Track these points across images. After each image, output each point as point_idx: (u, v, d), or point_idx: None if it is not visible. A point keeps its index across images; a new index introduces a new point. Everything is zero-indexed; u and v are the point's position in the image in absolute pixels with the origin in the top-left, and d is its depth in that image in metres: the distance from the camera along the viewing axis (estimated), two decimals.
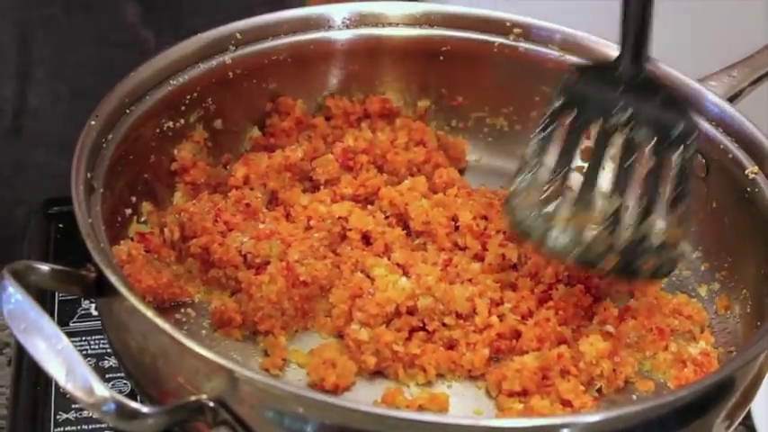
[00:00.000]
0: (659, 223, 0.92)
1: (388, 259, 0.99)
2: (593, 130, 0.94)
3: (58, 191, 1.16)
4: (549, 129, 0.95)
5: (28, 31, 1.22)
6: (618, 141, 0.94)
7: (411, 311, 0.94)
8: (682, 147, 0.93)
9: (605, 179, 0.93)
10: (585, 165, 0.94)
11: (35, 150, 1.28)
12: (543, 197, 0.94)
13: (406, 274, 0.97)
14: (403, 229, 1.03)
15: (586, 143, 0.94)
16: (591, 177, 0.94)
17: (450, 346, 0.94)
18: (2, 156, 1.28)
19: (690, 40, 2.07)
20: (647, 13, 0.93)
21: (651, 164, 0.93)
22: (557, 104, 0.96)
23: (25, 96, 1.25)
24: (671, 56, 1.09)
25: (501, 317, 0.95)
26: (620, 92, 0.94)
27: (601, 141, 0.94)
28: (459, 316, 0.94)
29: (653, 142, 0.93)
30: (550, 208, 0.93)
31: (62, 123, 1.24)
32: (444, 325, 0.94)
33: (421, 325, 0.94)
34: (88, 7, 1.22)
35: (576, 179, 0.94)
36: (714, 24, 2.17)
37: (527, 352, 0.93)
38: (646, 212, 0.93)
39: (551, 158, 0.95)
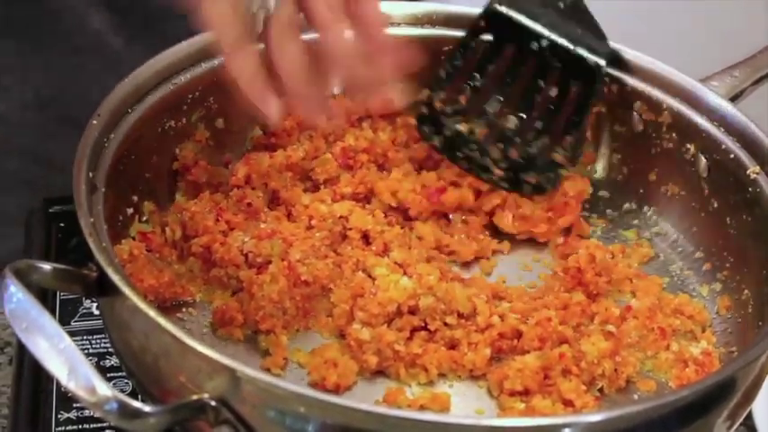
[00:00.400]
0: (548, 145, 1.02)
1: (388, 258, 0.99)
2: (509, 50, 1.03)
3: (31, 197, 1.17)
4: (469, 43, 1.04)
5: None
6: (530, 64, 1.03)
7: (412, 311, 0.94)
8: (586, 82, 1.02)
9: (510, 97, 1.03)
10: (495, 83, 1.03)
11: (5, 158, 1.27)
12: (451, 108, 1.03)
13: (405, 273, 0.97)
14: (405, 219, 1.04)
15: (499, 63, 1.03)
16: (497, 94, 1.03)
17: (452, 345, 0.94)
18: None
19: (692, 40, 2.07)
20: None
21: (555, 91, 1.02)
22: (480, 22, 1.04)
23: None
24: (673, 55, 1.09)
25: (502, 316, 0.94)
26: (543, 16, 1.02)
27: (515, 62, 1.03)
28: (460, 315, 0.94)
29: (559, 71, 1.02)
30: (455, 117, 1.03)
31: (31, 131, 1.23)
32: (446, 324, 0.94)
33: (422, 325, 0.94)
34: (55, 14, 1.21)
35: (483, 95, 1.03)
36: (716, 24, 2.17)
37: (528, 351, 0.93)
38: (539, 133, 1.02)
39: (464, 74, 1.04)
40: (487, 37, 1.04)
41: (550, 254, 1.06)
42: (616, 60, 1.07)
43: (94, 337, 1.04)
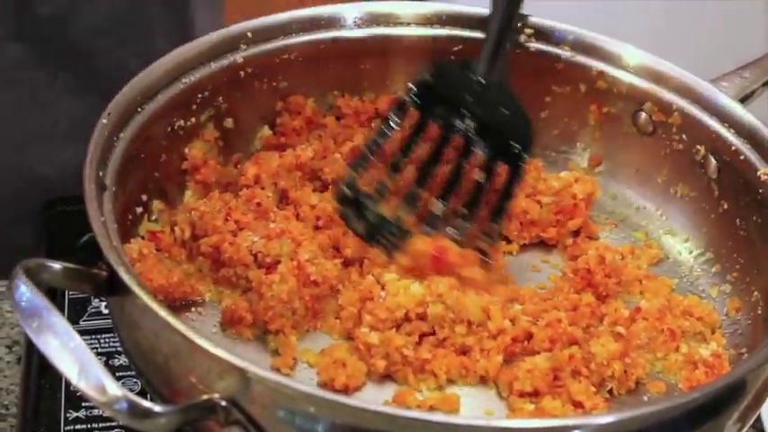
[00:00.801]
0: (474, 233, 0.99)
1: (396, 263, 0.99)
2: (434, 130, 1.00)
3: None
4: (393, 121, 1.00)
5: None
6: (455, 145, 1.00)
7: (422, 317, 0.94)
8: (512, 165, 0.99)
9: (434, 180, 1.00)
10: (420, 162, 1.00)
11: None
12: (374, 189, 1.00)
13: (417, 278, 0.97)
14: None
15: (424, 143, 1.00)
16: (421, 176, 1.00)
17: (463, 351, 0.93)
18: None
19: (702, 41, 2.07)
20: (507, 22, 1.00)
21: (480, 175, 0.99)
22: (406, 98, 1.00)
23: None
24: (683, 57, 1.09)
25: (513, 320, 0.94)
26: (470, 97, 1.00)
27: (442, 140, 1.00)
28: (470, 324, 0.94)
29: (485, 155, 0.99)
30: (375, 200, 1.00)
31: None
32: (455, 332, 0.94)
33: (432, 330, 0.94)
34: None
35: (407, 175, 1.00)
36: (726, 25, 2.17)
37: (538, 353, 0.92)
38: (464, 219, 0.99)
39: (388, 151, 1.00)
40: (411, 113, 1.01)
41: (559, 255, 1.06)
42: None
43: (103, 336, 1.05)
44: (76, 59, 1.21)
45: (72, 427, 0.97)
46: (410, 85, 1.01)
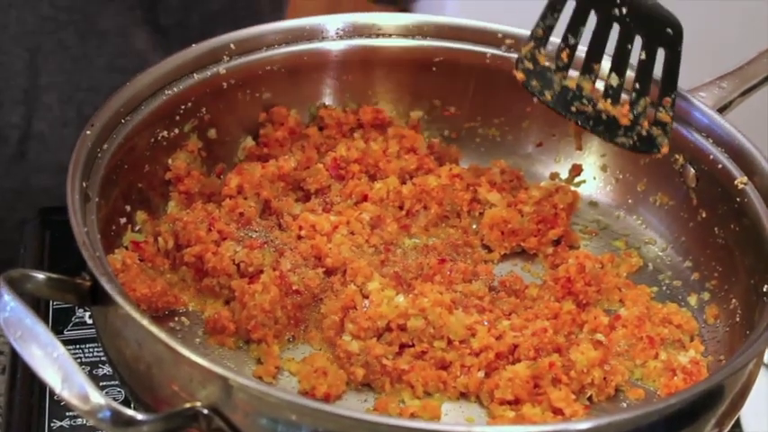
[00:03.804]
0: (651, 104, 1.02)
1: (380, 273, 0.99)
2: (597, 15, 1.02)
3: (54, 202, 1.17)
4: (557, 11, 1.03)
5: (39, 57, 1.22)
6: (616, 30, 1.02)
7: (403, 328, 0.94)
8: (669, 46, 1.01)
9: (606, 59, 1.03)
10: (589, 45, 1.03)
11: (39, 175, 1.28)
12: (553, 64, 1.03)
13: (403, 288, 0.98)
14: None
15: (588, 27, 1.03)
16: (594, 54, 1.03)
17: (443, 366, 0.93)
18: (5, 180, 1.28)
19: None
20: None
21: (643, 56, 1.02)
22: None
23: (31, 122, 1.25)
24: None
25: (499, 337, 0.94)
26: None
27: (600, 28, 1.02)
28: (450, 341, 0.94)
29: (646, 37, 1.02)
30: (560, 73, 1.03)
31: (68, 149, 1.24)
32: (434, 347, 0.94)
33: (412, 342, 0.95)
34: (100, 33, 1.23)
35: (581, 53, 1.04)
36: (704, 35, 2.18)
37: (519, 360, 0.93)
38: (640, 94, 1.02)
39: (558, 34, 1.03)
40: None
41: (540, 264, 1.06)
42: None
43: (87, 345, 1.05)
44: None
45: None
46: None
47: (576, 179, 1.13)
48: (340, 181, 1.07)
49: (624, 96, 1.03)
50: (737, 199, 1.00)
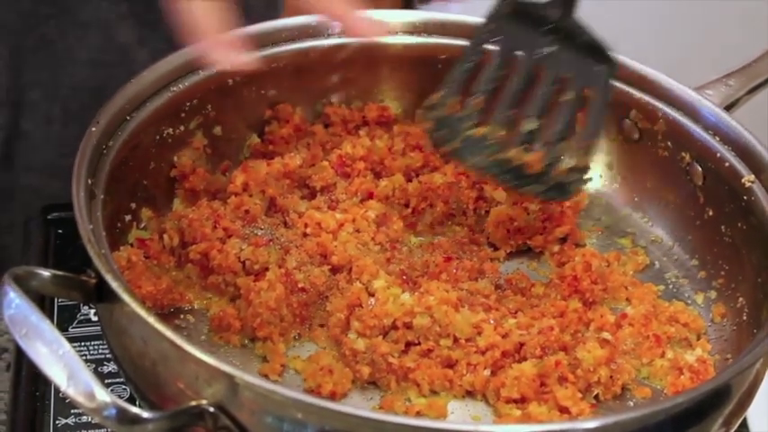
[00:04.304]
0: (570, 149, 1.00)
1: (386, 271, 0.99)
2: (518, 59, 1.01)
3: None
4: (475, 55, 1.01)
5: (21, 56, 1.22)
6: (540, 72, 1.01)
7: (409, 326, 0.94)
8: (600, 85, 1.00)
9: (525, 103, 1.00)
10: (506, 90, 1.01)
11: (27, 173, 1.27)
12: (463, 113, 1.00)
13: (410, 286, 0.97)
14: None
15: (509, 71, 1.01)
16: (510, 100, 1.00)
17: (449, 364, 0.93)
18: None
19: (687, 49, 2.08)
20: None
21: (569, 96, 1.00)
22: (485, 31, 1.02)
23: (17, 121, 1.24)
24: (668, 64, 1.09)
25: (506, 335, 0.94)
26: (547, 30, 1.01)
27: (523, 71, 1.01)
28: (456, 338, 0.94)
29: (573, 77, 1.00)
30: (469, 122, 1.00)
31: (55, 146, 1.23)
32: (440, 345, 0.94)
33: (418, 341, 0.94)
34: (82, 27, 1.22)
35: (496, 100, 1.00)
36: (711, 33, 2.18)
37: (525, 359, 0.93)
38: (559, 138, 0.99)
39: (474, 81, 1.01)
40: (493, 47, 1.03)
41: (546, 262, 1.06)
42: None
43: (92, 343, 1.05)
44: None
45: None
46: (489, 16, 1.02)
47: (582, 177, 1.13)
48: (345, 178, 1.07)
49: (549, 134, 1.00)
50: (744, 197, 1.00)
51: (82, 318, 1.07)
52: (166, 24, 1.06)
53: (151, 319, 0.79)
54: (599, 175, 1.13)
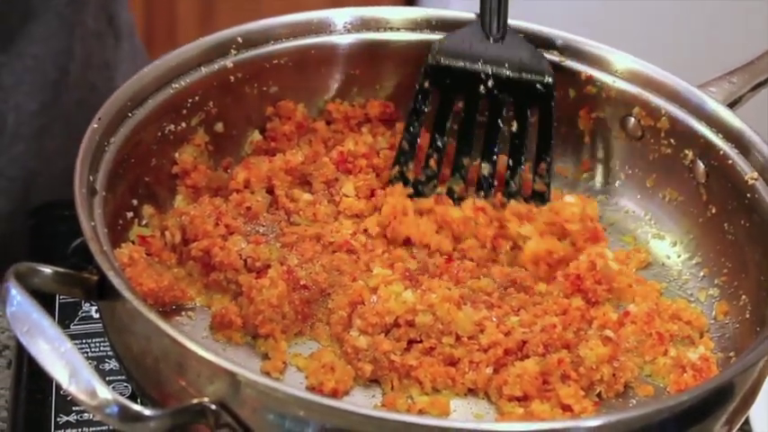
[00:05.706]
0: (526, 179, 1.04)
1: (391, 269, 0.99)
2: (460, 101, 1.05)
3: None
4: (420, 108, 1.05)
5: None
6: (484, 107, 1.05)
7: (411, 324, 0.94)
8: (541, 104, 1.04)
9: (475, 145, 1.05)
10: (457, 135, 1.05)
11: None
12: (423, 177, 1.04)
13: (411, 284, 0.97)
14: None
15: (455, 114, 1.05)
16: (463, 146, 1.05)
17: (451, 362, 0.93)
18: None
19: (690, 46, 2.07)
20: None
21: (515, 124, 1.04)
22: (424, 84, 1.05)
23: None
24: (671, 61, 1.09)
25: (508, 333, 0.94)
26: (482, 58, 1.04)
27: (469, 109, 1.05)
28: (459, 336, 0.93)
29: (513, 104, 1.04)
30: (430, 184, 1.04)
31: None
32: (442, 343, 0.93)
33: (420, 338, 0.94)
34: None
35: (450, 150, 1.05)
36: (714, 30, 2.18)
37: (528, 356, 0.93)
38: (514, 171, 1.04)
39: (426, 135, 1.05)
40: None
41: None
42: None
43: (93, 340, 1.05)
44: None
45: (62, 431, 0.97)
46: (423, 71, 1.05)
47: (585, 174, 1.13)
48: (347, 175, 1.07)
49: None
50: (747, 194, 0.99)
51: (83, 315, 1.07)
52: None
53: (153, 317, 0.79)
54: (601, 173, 1.12)
